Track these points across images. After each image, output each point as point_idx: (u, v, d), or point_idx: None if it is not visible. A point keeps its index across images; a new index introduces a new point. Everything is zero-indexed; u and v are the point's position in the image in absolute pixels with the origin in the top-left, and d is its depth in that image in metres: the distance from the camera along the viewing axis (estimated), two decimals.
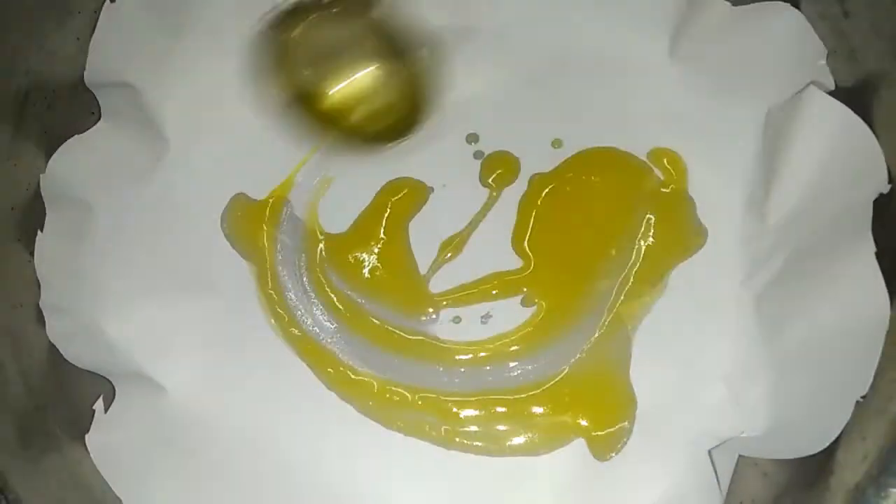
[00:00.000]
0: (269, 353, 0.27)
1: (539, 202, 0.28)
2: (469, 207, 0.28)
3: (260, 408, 0.27)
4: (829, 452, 0.22)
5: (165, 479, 0.25)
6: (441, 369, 0.27)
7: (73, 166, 0.27)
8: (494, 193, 0.29)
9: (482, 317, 0.27)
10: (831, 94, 0.25)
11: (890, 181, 0.23)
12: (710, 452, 0.25)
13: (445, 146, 0.28)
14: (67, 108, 0.27)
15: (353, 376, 0.27)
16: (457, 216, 0.28)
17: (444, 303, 0.28)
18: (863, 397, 0.22)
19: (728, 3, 0.27)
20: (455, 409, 0.27)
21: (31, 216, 0.26)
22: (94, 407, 0.25)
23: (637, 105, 0.29)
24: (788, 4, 0.26)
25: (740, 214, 0.27)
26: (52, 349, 0.25)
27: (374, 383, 0.27)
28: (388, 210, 0.29)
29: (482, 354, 0.27)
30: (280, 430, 0.27)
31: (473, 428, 0.27)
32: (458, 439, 0.27)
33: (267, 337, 0.28)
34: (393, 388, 0.27)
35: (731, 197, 0.27)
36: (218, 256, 0.28)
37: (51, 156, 0.27)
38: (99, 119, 0.27)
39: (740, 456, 0.25)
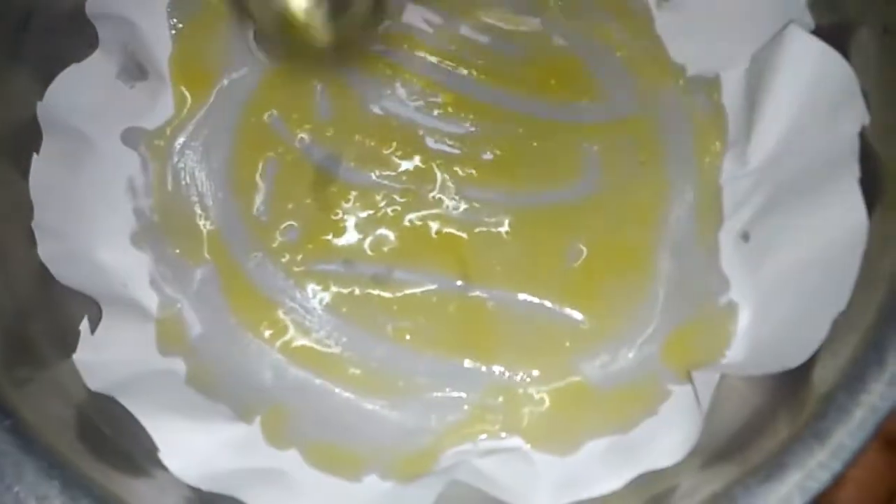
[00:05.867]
0: None
1: None
2: None
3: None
4: (805, 371, 0.22)
5: (154, 395, 0.26)
6: None
7: (71, 96, 0.27)
8: None
9: None
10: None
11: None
12: (690, 373, 0.25)
13: None
14: (67, 38, 0.27)
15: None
16: None
17: None
18: (841, 313, 0.22)
19: None
20: None
21: (25, 139, 0.26)
22: (80, 327, 0.26)
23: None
24: None
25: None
26: (42, 268, 0.26)
27: None
28: None
29: None
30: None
31: None
32: None
33: None
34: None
35: None
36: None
37: (47, 83, 0.27)
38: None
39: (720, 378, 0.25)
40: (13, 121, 0.26)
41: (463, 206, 0.29)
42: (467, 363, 0.28)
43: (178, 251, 0.28)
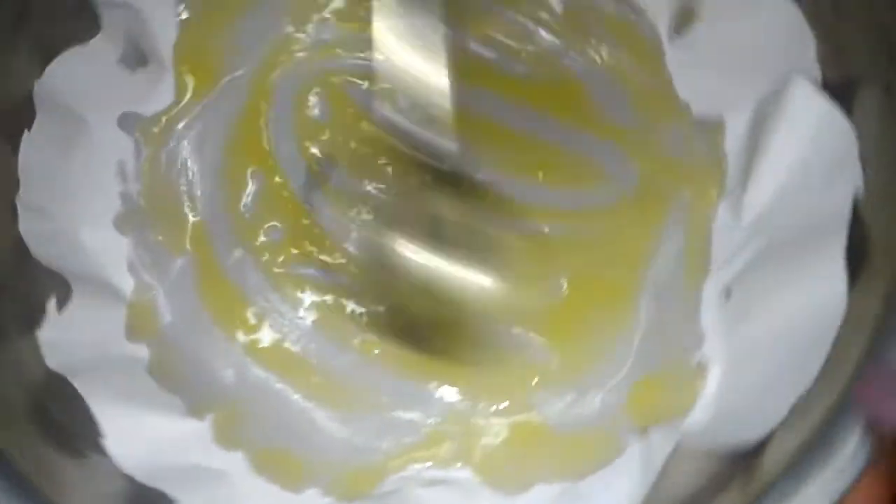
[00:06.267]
0: None
1: None
2: None
3: None
4: (758, 447, 0.21)
5: (111, 380, 0.26)
6: None
7: (71, 77, 0.28)
8: None
9: None
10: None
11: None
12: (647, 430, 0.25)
13: None
14: (70, 20, 0.27)
15: None
16: None
17: None
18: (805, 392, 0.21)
19: None
20: None
21: (20, 115, 0.27)
22: (47, 305, 0.26)
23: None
24: None
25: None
26: (16, 243, 0.26)
27: None
28: None
29: None
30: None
31: None
32: None
33: None
34: None
35: None
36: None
37: (47, 63, 0.27)
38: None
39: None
40: (9, 97, 0.26)
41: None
42: (431, 387, 0.28)
43: (160, 238, 0.29)
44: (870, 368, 0.19)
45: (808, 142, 0.24)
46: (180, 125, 0.29)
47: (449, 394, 0.28)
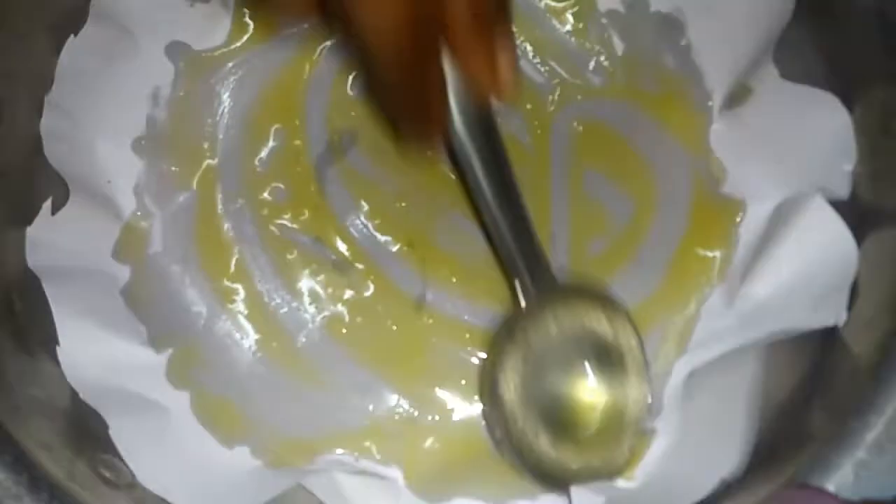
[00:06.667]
0: None
1: None
2: None
3: None
4: None
5: (84, 293, 0.26)
6: None
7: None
8: None
9: None
10: (838, 205, 0.24)
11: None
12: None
13: None
14: None
15: None
16: None
17: None
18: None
19: (777, 73, 0.26)
20: None
21: (72, 22, 0.27)
22: (43, 205, 0.26)
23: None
24: (838, 99, 0.25)
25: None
26: (31, 140, 0.27)
27: None
28: None
29: None
30: None
31: None
32: None
33: None
34: None
35: None
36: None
37: None
38: None
39: None
40: (67, 3, 0.27)
41: (448, 231, 0.29)
42: (387, 382, 0.28)
43: (173, 169, 0.29)
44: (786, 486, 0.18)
45: (811, 258, 0.24)
46: (227, 66, 0.30)
47: (401, 393, 0.28)
